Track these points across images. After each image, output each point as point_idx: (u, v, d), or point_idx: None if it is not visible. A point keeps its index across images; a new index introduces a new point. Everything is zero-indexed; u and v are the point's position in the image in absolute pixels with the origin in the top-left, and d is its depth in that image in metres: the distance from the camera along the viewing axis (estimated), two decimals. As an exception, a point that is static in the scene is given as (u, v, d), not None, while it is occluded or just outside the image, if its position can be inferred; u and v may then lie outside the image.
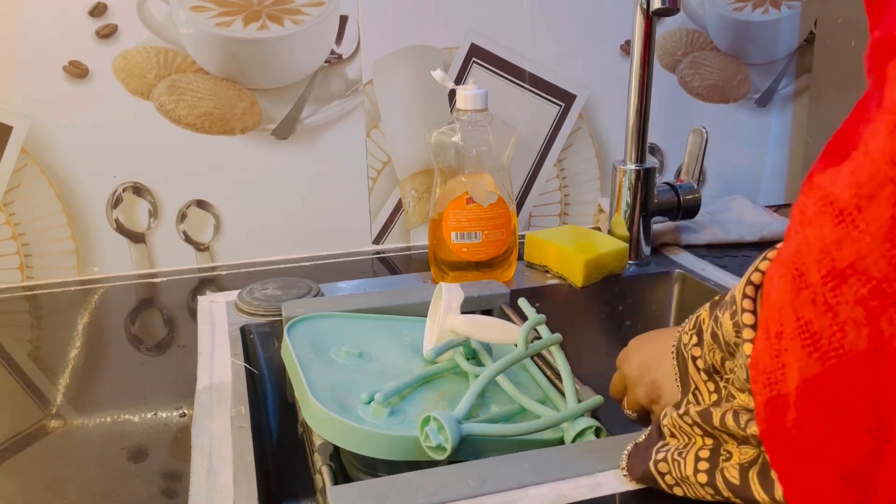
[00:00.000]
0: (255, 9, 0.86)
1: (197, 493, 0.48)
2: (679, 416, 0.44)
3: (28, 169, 0.84)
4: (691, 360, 0.45)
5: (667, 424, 0.45)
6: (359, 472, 0.54)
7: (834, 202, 0.30)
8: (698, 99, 1.05)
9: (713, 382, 0.44)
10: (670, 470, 0.43)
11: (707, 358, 0.44)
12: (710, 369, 0.44)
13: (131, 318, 0.78)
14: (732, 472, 0.40)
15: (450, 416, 0.48)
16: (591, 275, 0.82)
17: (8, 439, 0.56)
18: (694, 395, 0.45)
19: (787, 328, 0.32)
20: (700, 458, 0.42)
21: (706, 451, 0.42)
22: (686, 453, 0.43)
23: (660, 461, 0.44)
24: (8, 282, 0.87)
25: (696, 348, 0.45)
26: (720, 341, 0.41)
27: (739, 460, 0.40)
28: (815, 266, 0.30)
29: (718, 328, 0.41)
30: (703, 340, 0.44)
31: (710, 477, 0.41)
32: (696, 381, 0.45)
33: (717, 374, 0.44)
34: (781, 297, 0.33)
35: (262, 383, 0.70)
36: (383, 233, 0.98)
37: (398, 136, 0.95)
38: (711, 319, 0.43)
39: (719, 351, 0.42)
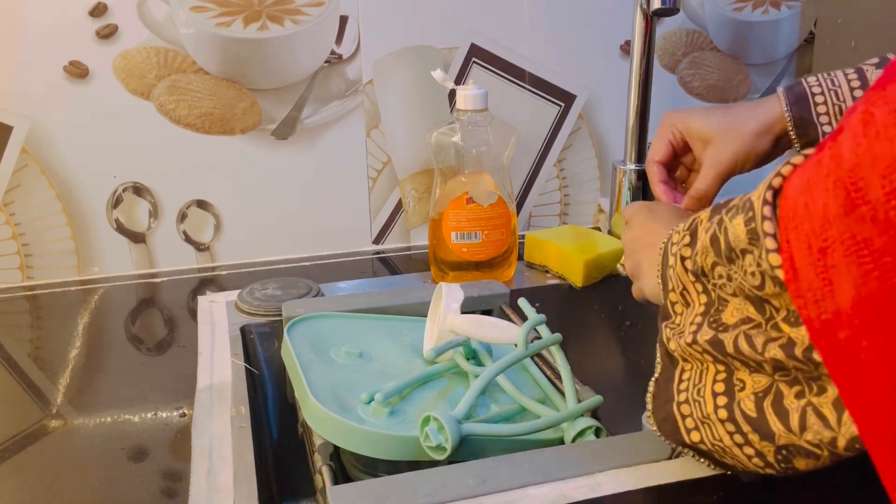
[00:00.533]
0: (255, 9, 0.86)
1: (197, 493, 0.48)
2: (688, 344, 0.42)
3: (28, 169, 0.84)
4: (679, 260, 0.44)
5: (675, 350, 0.44)
6: (359, 473, 0.54)
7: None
8: (698, 99, 1.05)
9: (700, 284, 0.43)
10: (692, 412, 0.42)
11: (697, 259, 0.42)
12: (697, 271, 0.43)
13: (131, 318, 0.78)
14: (748, 403, 0.39)
15: (450, 415, 0.48)
16: (591, 275, 0.82)
17: (8, 439, 0.56)
18: (682, 296, 0.44)
19: (836, 244, 0.30)
20: (717, 392, 0.41)
21: (720, 383, 0.41)
22: (703, 389, 0.42)
23: (682, 402, 0.43)
24: (8, 282, 0.87)
25: (687, 248, 0.44)
26: (719, 245, 0.40)
27: (753, 389, 0.39)
28: (879, 181, 0.29)
29: (721, 232, 0.39)
30: (696, 241, 0.43)
31: (728, 412, 0.40)
32: (684, 282, 0.44)
33: (704, 277, 0.42)
34: (827, 211, 0.31)
35: (262, 383, 0.70)
36: (383, 233, 0.98)
37: (398, 136, 0.95)
38: (713, 222, 0.41)
39: (713, 255, 0.40)
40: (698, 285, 0.43)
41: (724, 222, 0.39)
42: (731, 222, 0.39)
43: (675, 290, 0.45)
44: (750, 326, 0.39)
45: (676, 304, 0.45)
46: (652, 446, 0.50)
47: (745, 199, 0.38)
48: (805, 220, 0.33)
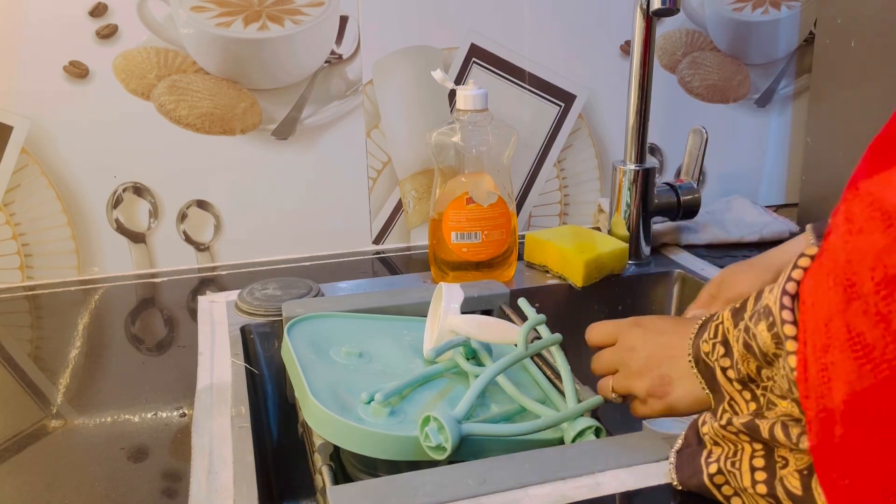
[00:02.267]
0: (255, 9, 0.86)
1: (197, 493, 0.48)
2: (721, 426, 0.42)
3: (28, 169, 0.84)
4: (720, 371, 0.44)
5: (707, 433, 0.44)
6: (359, 472, 0.54)
7: (882, 206, 0.29)
8: (698, 99, 1.05)
9: (749, 391, 0.43)
10: (727, 480, 0.42)
11: (740, 368, 0.42)
12: (744, 379, 0.43)
13: (131, 318, 0.78)
14: (793, 481, 0.38)
15: (450, 415, 0.48)
16: (591, 275, 0.82)
17: (8, 439, 0.56)
18: (730, 406, 0.44)
19: (836, 341, 0.31)
20: (755, 467, 0.41)
21: (760, 459, 0.41)
22: (739, 462, 0.41)
23: (714, 474, 0.43)
24: (8, 282, 0.87)
25: (725, 359, 0.44)
26: (755, 352, 0.40)
27: (797, 467, 0.38)
28: (868, 274, 0.30)
29: (751, 339, 0.40)
30: (731, 350, 0.43)
31: (769, 487, 0.39)
32: (730, 392, 0.44)
33: (752, 383, 0.43)
34: (829, 309, 0.32)
35: (262, 383, 0.70)
36: (383, 233, 0.98)
37: (398, 136, 0.95)
38: (740, 330, 0.42)
39: (754, 360, 0.41)
40: (746, 393, 0.43)
41: (750, 329, 0.40)
42: (756, 328, 0.39)
43: (722, 401, 0.45)
44: (789, 418, 0.39)
45: (726, 413, 0.44)
46: (652, 446, 0.50)
47: (764, 305, 0.39)
48: (811, 319, 0.33)
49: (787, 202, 1.13)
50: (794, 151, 1.11)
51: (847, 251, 0.31)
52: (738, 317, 0.42)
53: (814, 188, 1.04)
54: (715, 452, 0.44)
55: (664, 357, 0.51)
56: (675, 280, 0.87)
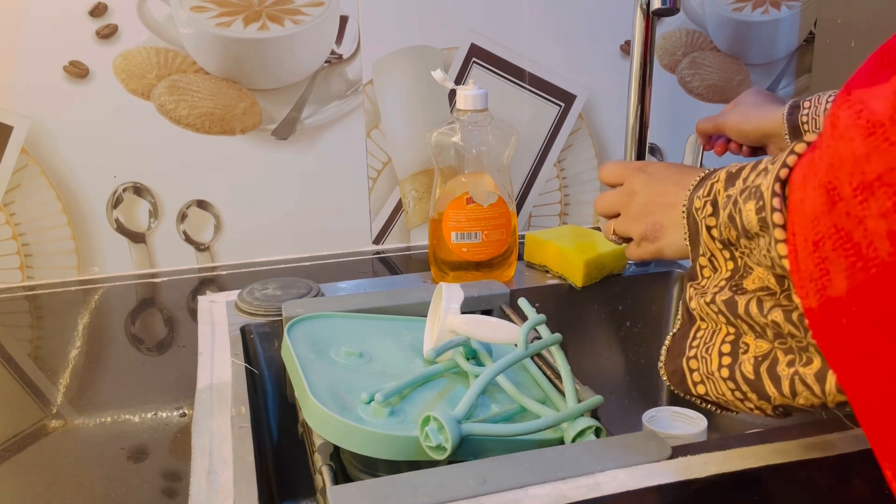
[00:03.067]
0: (255, 9, 0.86)
1: (197, 493, 0.48)
2: (706, 303, 0.45)
3: (28, 169, 0.84)
4: (705, 228, 0.46)
5: (695, 308, 0.46)
6: (359, 472, 0.54)
7: (869, 116, 0.30)
8: (698, 99, 1.05)
9: (728, 251, 0.45)
10: (699, 367, 0.45)
11: (722, 231, 0.45)
12: (725, 241, 0.45)
13: (131, 318, 0.78)
14: (747, 366, 0.42)
15: (450, 415, 0.48)
16: (591, 275, 0.82)
17: (8, 439, 0.56)
18: (710, 262, 0.47)
19: (826, 238, 0.33)
20: (723, 352, 0.44)
21: (728, 345, 0.44)
22: (711, 348, 0.45)
23: (691, 357, 0.46)
24: (8, 282, 0.87)
25: (712, 218, 0.46)
26: (737, 224, 0.42)
27: (754, 353, 0.42)
28: (847, 179, 0.31)
29: (737, 213, 0.42)
30: (718, 211, 0.45)
31: (730, 371, 0.43)
32: (712, 249, 0.46)
33: (731, 246, 0.45)
34: (815, 209, 0.34)
35: (262, 383, 0.70)
36: (383, 233, 0.98)
37: (398, 136, 0.95)
38: (728, 199, 0.43)
39: (734, 230, 0.43)
40: (726, 252, 0.45)
41: (738, 203, 0.42)
42: (744, 206, 0.41)
43: (704, 254, 0.47)
44: (765, 294, 0.42)
45: (705, 268, 0.47)
46: (652, 446, 0.50)
47: (756, 186, 0.40)
48: (800, 215, 0.35)
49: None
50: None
51: (829, 155, 0.32)
52: (731, 182, 0.44)
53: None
54: (700, 329, 0.46)
55: (660, 204, 0.55)
56: (675, 280, 0.87)
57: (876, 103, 0.30)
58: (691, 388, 0.46)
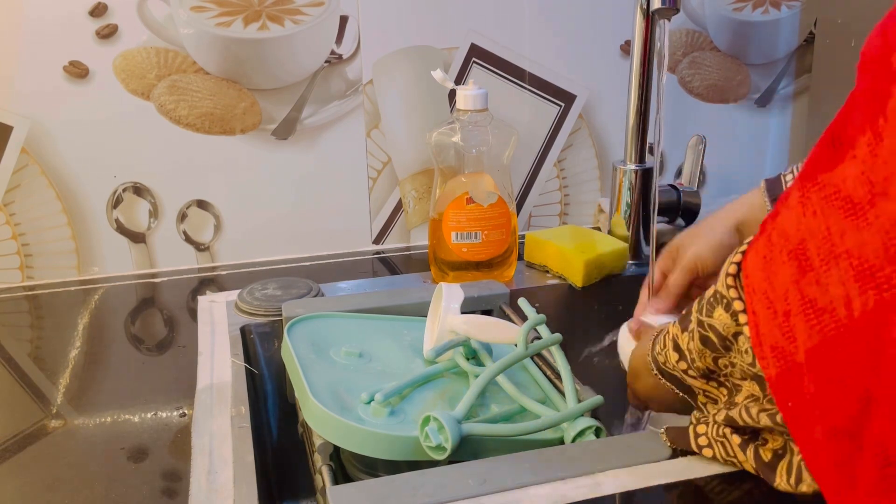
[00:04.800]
0: (255, 9, 0.86)
1: (197, 492, 0.48)
2: (714, 432, 0.47)
3: (28, 169, 0.84)
4: (683, 375, 0.48)
5: (703, 438, 0.48)
6: (359, 472, 0.54)
7: (847, 198, 0.34)
8: (698, 99, 1.05)
9: (714, 381, 0.47)
10: (710, 443, 0.47)
11: (698, 365, 0.46)
12: (704, 373, 0.46)
13: (131, 318, 0.78)
14: (766, 454, 0.44)
15: (450, 415, 0.48)
16: (591, 275, 0.82)
17: (8, 439, 0.56)
18: (706, 395, 0.48)
19: (794, 306, 0.36)
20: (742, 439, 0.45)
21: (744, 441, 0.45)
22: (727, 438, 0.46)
23: (700, 435, 0.47)
24: (8, 282, 0.87)
25: (681, 363, 0.47)
26: (713, 342, 0.44)
27: (773, 446, 0.44)
28: (816, 251, 0.35)
29: (708, 331, 0.44)
30: (684, 352, 0.47)
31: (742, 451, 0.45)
32: (700, 387, 0.48)
33: (713, 374, 0.46)
34: (787, 279, 0.37)
35: (262, 383, 0.70)
36: (383, 233, 0.98)
37: (398, 136, 0.95)
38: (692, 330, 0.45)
39: (711, 353, 0.45)
40: (713, 383, 0.47)
41: (704, 322, 0.44)
42: (711, 317, 0.43)
43: (699, 394, 0.49)
44: (750, 400, 0.44)
45: (707, 403, 0.49)
46: (652, 446, 0.50)
47: (711, 295, 0.43)
48: (769, 290, 0.38)
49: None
50: (794, 151, 1.11)
51: (800, 230, 0.36)
52: (685, 321, 0.46)
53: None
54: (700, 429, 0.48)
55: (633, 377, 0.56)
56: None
57: (845, 186, 0.34)
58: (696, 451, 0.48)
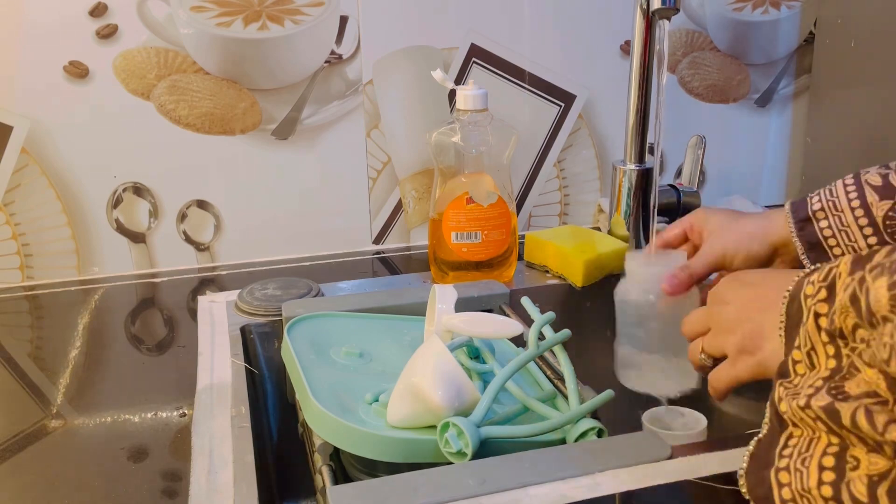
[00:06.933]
0: (255, 9, 0.86)
1: (197, 493, 0.48)
2: (800, 407, 0.39)
3: (28, 169, 0.84)
4: (812, 316, 0.40)
5: (785, 411, 0.40)
6: (359, 473, 0.54)
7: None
8: (698, 99, 1.05)
9: (833, 346, 0.39)
10: (791, 482, 0.39)
11: (835, 319, 0.38)
12: (835, 332, 0.39)
13: (131, 318, 0.78)
14: (859, 486, 0.36)
15: (468, 420, 0.49)
16: (591, 275, 0.82)
17: (8, 439, 0.56)
18: (808, 356, 0.41)
19: None
20: (824, 466, 0.38)
21: (830, 457, 0.38)
22: (809, 460, 0.39)
23: (782, 469, 0.40)
24: (8, 282, 0.87)
25: (823, 304, 0.40)
26: (860, 307, 0.36)
27: (868, 471, 0.36)
28: None
29: (862, 292, 0.36)
30: (833, 297, 0.39)
31: (834, 490, 0.37)
32: (814, 341, 0.40)
33: (841, 339, 0.39)
34: None
35: (262, 383, 0.70)
36: (383, 233, 0.98)
37: (398, 136, 0.95)
38: (853, 279, 0.37)
39: (854, 317, 0.37)
40: (830, 347, 0.40)
41: (865, 281, 0.36)
42: (873, 283, 0.35)
43: (801, 347, 0.41)
44: (874, 402, 0.36)
45: (800, 363, 0.41)
46: (652, 446, 0.50)
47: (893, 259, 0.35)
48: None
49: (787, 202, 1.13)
50: (794, 151, 1.11)
51: None
52: (859, 265, 0.38)
53: (814, 188, 1.03)
54: (794, 437, 0.40)
55: (756, 309, 0.48)
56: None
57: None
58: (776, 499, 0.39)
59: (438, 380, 0.50)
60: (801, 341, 0.41)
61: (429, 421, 0.51)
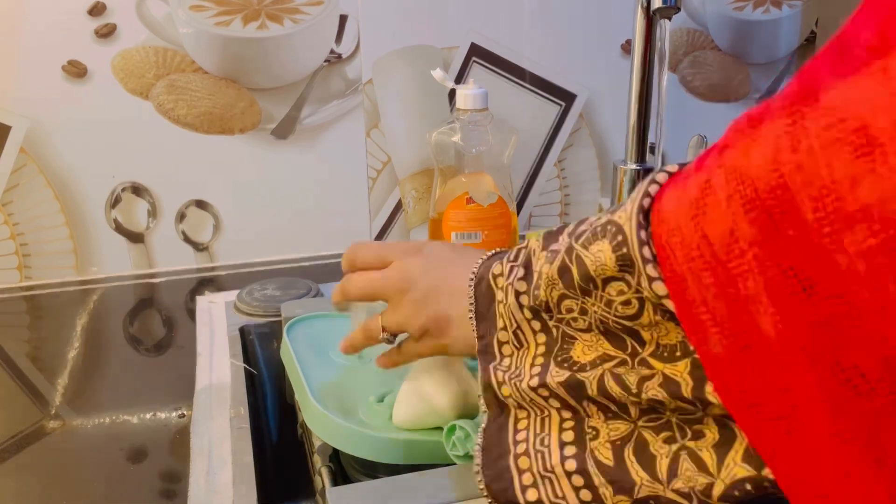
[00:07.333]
0: (254, 8, 0.85)
1: (196, 493, 0.48)
2: (532, 388, 0.38)
3: (27, 168, 0.84)
4: (513, 294, 0.40)
5: (508, 395, 0.39)
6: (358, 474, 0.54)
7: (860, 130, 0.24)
8: (699, 99, 1.05)
9: (539, 321, 0.39)
10: (531, 465, 0.38)
11: (538, 294, 0.38)
12: (539, 307, 0.38)
13: (130, 319, 0.78)
14: (604, 451, 0.36)
15: (475, 423, 0.49)
16: (591, 275, 0.81)
17: (8, 439, 0.56)
18: (515, 335, 0.40)
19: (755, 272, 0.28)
20: (565, 441, 0.37)
21: (569, 431, 0.37)
22: (548, 438, 0.38)
23: (521, 455, 0.39)
24: (7, 282, 0.87)
25: (522, 282, 0.39)
26: (571, 277, 0.36)
27: (609, 437, 0.36)
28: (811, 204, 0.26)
29: (573, 262, 0.35)
30: (532, 274, 0.39)
31: (578, 463, 0.36)
32: (518, 319, 0.40)
33: (546, 313, 0.39)
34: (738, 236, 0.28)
35: (261, 384, 0.70)
36: (383, 233, 0.98)
37: (398, 136, 0.95)
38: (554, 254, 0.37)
39: (560, 287, 0.36)
40: (536, 323, 0.39)
41: (575, 250, 0.36)
42: (588, 250, 0.35)
43: (506, 328, 0.40)
44: (614, 364, 0.36)
45: (506, 343, 0.41)
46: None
47: (605, 223, 0.34)
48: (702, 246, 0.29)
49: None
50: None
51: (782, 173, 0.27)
52: (552, 239, 0.39)
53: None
54: (521, 419, 0.39)
55: (446, 293, 0.45)
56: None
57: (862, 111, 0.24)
58: (518, 497, 0.38)
59: (444, 381, 0.50)
60: (505, 321, 0.40)
61: (434, 422, 0.51)
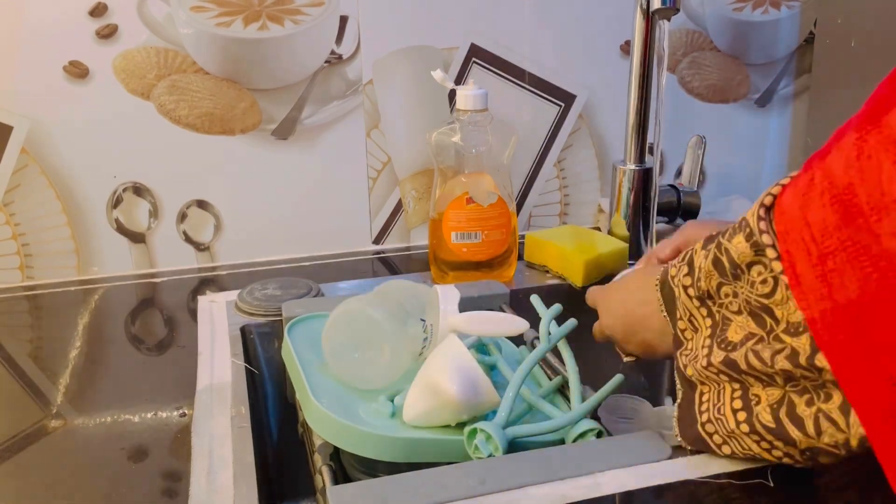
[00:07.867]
0: (255, 9, 0.86)
1: (197, 493, 0.48)
2: (704, 367, 0.46)
3: (28, 169, 0.84)
4: (683, 290, 0.49)
5: (692, 374, 0.48)
6: (359, 473, 0.54)
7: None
8: (698, 99, 1.05)
9: (705, 308, 0.47)
10: (717, 430, 0.46)
11: (701, 285, 0.47)
12: (703, 296, 0.47)
13: (131, 318, 0.78)
14: (765, 415, 0.43)
15: (494, 424, 0.50)
16: (591, 275, 0.82)
17: (8, 439, 0.56)
18: (690, 322, 0.49)
19: (838, 251, 0.36)
20: (735, 409, 0.45)
21: (738, 400, 0.45)
22: (723, 407, 0.46)
23: (706, 423, 0.47)
24: (8, 282, 0.87)
25: (687, 277, 0.48)
26: (723, 265, 0.44)
27: (768, 402, 0.43)
28: (866, 198, 0.35)
29: (722, 253, 0.44)
30: (694, 269, 0.47)
31: (750, 426, 0.44)
32: (690, 308, 0.48)
33: (709, 300, 0.47)
34: (827, 223, 0.36)
35: (262, 383, 0.70)
36: (383, 233, 0.98)
37: (398, 136, 0.95)
38: (709, 249, 0.46)
39: (717, 276, 0.45)
40: (703, 309, 0.48)
41: (722, 244, 0.44)
42: (730, 242, 0.43)
43: (682, 317, 0.49)
44: (754, 342, 0.43)
45: (686, 330, 0.49)
46: (652, 446, 0.50)
47: (739, 221, 0.43)
48: (804, 230, 0.38)
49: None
50: (794, 151, 1.11)
51: (851, 175, 0.36)
52: (709, 241, 0.46)
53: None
54: (705, 393, 0.47)
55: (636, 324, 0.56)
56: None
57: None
58: (717, 451, 0.47)
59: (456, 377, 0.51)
60: (681, 313, 0.49)
61: (445, 418, 0.52)
